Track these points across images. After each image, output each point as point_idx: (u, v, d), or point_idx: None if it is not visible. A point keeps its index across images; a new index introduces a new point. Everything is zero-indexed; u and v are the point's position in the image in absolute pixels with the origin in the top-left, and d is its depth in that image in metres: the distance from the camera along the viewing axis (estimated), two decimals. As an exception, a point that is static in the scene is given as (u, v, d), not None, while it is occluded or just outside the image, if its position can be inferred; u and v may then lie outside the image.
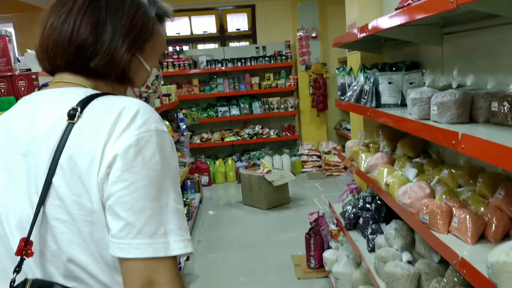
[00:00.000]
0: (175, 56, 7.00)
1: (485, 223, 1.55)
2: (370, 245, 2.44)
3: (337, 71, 3.11)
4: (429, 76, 1.89)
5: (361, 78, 2.65)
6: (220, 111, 7.08)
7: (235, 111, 7.09)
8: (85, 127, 0.78)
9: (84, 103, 0.80)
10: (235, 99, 7.20)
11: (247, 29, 7.48)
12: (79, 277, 0.79)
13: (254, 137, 7.03)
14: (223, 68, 6.95)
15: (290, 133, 7.17)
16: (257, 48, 7.10)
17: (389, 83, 2.47)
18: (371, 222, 2.54)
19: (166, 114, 5.38)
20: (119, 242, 0.74)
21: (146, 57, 0.94)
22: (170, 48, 7.13)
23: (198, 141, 7.02)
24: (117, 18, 0.87)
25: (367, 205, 2.80)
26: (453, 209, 1.64)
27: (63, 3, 0.88)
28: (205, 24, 7.50)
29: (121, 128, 0.76)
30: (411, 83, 2.47)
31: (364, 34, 2.37)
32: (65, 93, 0.85)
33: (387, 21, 1.94)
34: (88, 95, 0.83)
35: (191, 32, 7.51)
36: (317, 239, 3.43)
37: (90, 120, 0.78)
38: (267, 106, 7.11)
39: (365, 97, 2.51)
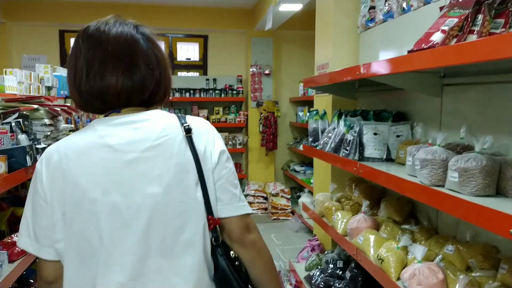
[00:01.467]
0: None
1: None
2: (349, 326, 2.05)
3: (308, 114, 2.78)
4: (440, 135, 1.58)
5: (341, 125, 2.33)
6: (163, 143, 6.53)
7: (179, 144, 6.58)
8: (196, 136, 1.12)
9: (186, 121, 1.14)
10: (180, 132, 6.69)
11: (197, 59, 7.10)
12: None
13: (198, 174, 6.53)
14: (170, 98, 6.45)
15: (237, 171, 6.76)
16: (207, 80, 6.72)
17: (375, 134, 2.17)
18: (348, 296, 2.16)
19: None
20: (232, 206, 1.14)
21: None
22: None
23: (136, 174, 6.39)
24: (165, 66, 1.17)
25: (339, 271, 2.42)
26: (480, 306, 1.30)
27: (119, 60, 1.09)
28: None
29: (213, 136, 1.16)
30: (398, 136, 2.18)
31: (352, 78, 2.05)
32: (156, 113, 1.14)
33: (392, 66, 1.63)
34: (177, 115, 1.17)
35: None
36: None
37: (197, 132, 1.13)
38: (214, 141, 6.68)
39: (348, 147, 2.18)
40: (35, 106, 2.56)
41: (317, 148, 2.58)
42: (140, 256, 1.04)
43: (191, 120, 1.15)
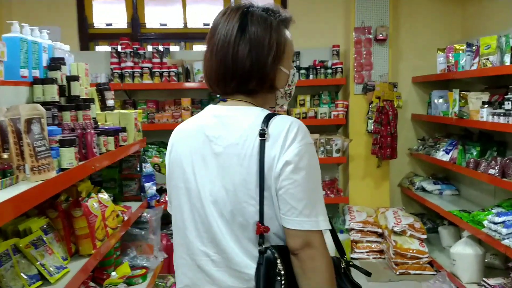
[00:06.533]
0: (156, 60, 4.34)
1: None
2: None
3: None
4: None
5: None
6: (223, 150, 4.47)
7: (246, 152, 4.47)
8: (270, 141, 1.16)
9: (266, 124, 1.17)
10: (248, 133, 4.56)
11: (272, 24, 4.85)
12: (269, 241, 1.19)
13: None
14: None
15: (334, 193, 4.46)
16: (286, 54, 4.47)
17: None
18: None
19: (121, 162, 2.69)
20: (288, 218, 1.15)
21: (284, 64, 1.26)
22: (149, 47, 4.49)
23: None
24: (260, 47, 1.21)
25: None
26: None
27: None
28: (206, 13, 4.88)
29: (288, 142, 1.15)
30: None
31: None
32: (247, 111, 1.22)
33: None
34: (265, 115, 1.19)
35: (185, 24, 4.88)
36: None
37: (271, 137, 1.16)
38: (298, 146, 4.46)
39: None
40: None
41: None
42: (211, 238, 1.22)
43: (274, 121, 1.18)
